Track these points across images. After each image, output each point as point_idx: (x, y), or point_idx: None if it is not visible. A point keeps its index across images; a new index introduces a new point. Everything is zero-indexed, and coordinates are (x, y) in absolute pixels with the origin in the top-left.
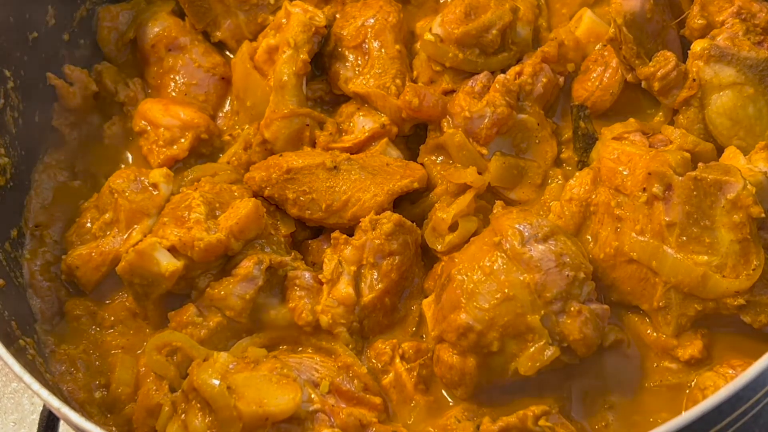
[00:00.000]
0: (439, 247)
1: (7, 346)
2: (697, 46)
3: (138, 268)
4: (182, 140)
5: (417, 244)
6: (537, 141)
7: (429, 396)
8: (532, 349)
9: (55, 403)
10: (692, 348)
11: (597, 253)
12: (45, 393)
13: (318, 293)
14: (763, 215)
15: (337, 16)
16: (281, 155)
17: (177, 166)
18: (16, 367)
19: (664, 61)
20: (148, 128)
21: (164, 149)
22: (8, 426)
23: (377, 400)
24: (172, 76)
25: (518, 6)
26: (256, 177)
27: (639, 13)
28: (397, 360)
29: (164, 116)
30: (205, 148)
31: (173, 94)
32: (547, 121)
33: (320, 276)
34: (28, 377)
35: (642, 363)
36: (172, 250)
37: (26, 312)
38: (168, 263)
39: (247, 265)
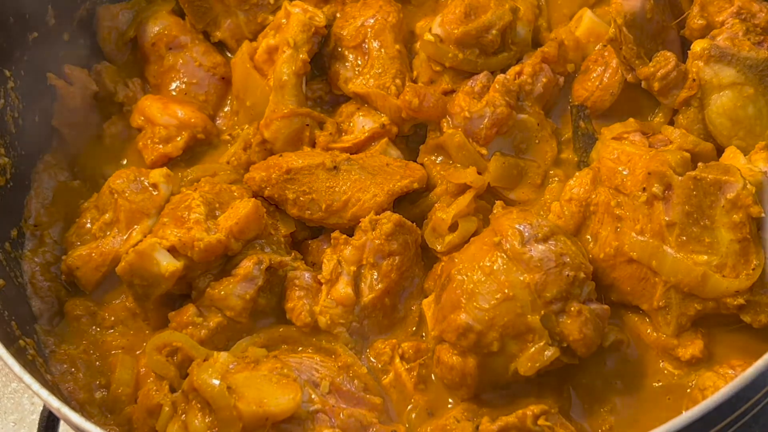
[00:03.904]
0: (439, 247)
1: (7, 347)
2: (697, 46)
3: (138, 269)
4: (178, 138)
5: (417, 244)
6: (537, 141)
7: (429, 396)
8: (532, 350)
9: (55, 403)
10: (693, 348)
11: (597, 253)
12: (45, 393)
13: (317, 293)
14: (762, 215)
15: (338, 15)
16: (281, 155)
17: (171, 163)
18: (16, 367)
19: (664, 62)
20: (146, 125)
21: (159, 146)
22: (8, 426)
23: (377, 400)
24: (172, 75)
25: (518, 6)
26: (256, 177)
27: (639, 13)
28: (397, 360)
29: (162, 114)
30: (201, 148)
31: (173, 93)
32: (547, 121)
33: (319, 276)
34: (28, 377)
35: (642, 363)
36: (172, 250)
37: (26, 312)
38: (168, 263)
39: (247, 265)
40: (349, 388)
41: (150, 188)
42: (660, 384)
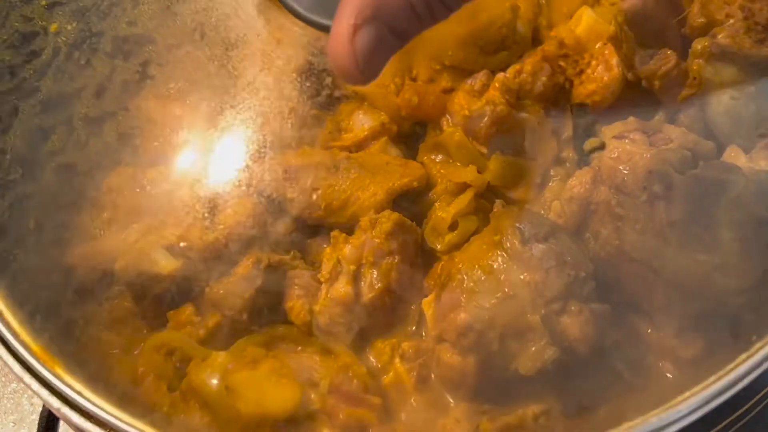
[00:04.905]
0: (439, 246)
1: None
2: (698, 44)
3: (136, 267)
4: None
5: (417, 244)
6: (537, 140)
7: (429, 396)
8: (532, 349)
9: (55, 404)
10: (693, 348)
11: (598, 252)
12: (45, 393)
13: (317, 293)
14: (764, 213)
15: None
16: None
17: None
18: (16, 367)
19: (665, 60)
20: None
21: None
22: (8, 426)
23: (377, 400)
24: None
25: (518, 5)
26: (254, 175)
27: (640, 11)
28: (397, 360)
29: None
30: None
31: None
32: (547, 119)
33: (319, 275)
34: (27, 377)
35: (642, 363)
36: (171, 249)
37: None
38: (166, 262)
39: (246, 264)
40: (348, 388)
41: (148, 187)
42: (660, 384)
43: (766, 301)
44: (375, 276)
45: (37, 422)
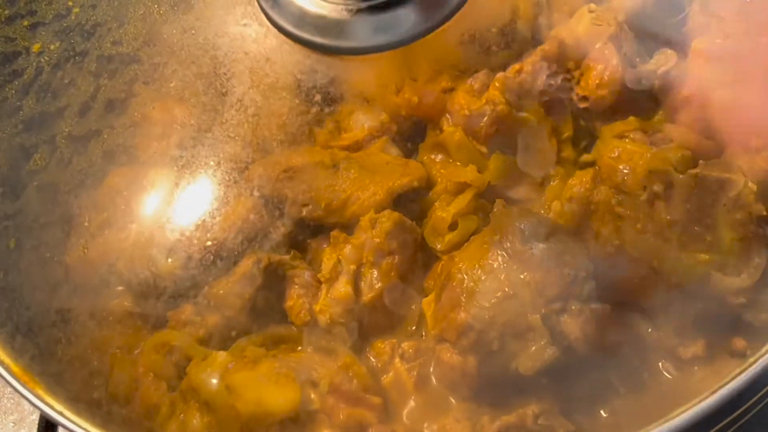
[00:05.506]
0: (439, 246)
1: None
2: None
3: (136, 268)
4: None
5: (417, 243)
6: (537, 139)
7: (428, 396)
8: (532, 349)
9: (57, 406)
10: (694, 347)
11: (598, 251)
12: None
13: (317, 292)
14: (764, 213)
15: None
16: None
17: None
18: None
19: (666, 59)
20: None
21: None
22: (8, 426)
23: (377, 400)
24: None
25: (518, 4)
26: (254, 175)
27: (640, 10)
28: (397, 359)
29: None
30: None
31: None
32: (546, 119)
33: (319, 275)
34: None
35: (642, 363)
36: (171, 249)
37: None
38: (166, 262)
39: (245, 264)
40: (348, 388)
41: (149, 187)
42: (660, 384)
43: (766, 302)
44: (375, 276)
45: (37, 422)
